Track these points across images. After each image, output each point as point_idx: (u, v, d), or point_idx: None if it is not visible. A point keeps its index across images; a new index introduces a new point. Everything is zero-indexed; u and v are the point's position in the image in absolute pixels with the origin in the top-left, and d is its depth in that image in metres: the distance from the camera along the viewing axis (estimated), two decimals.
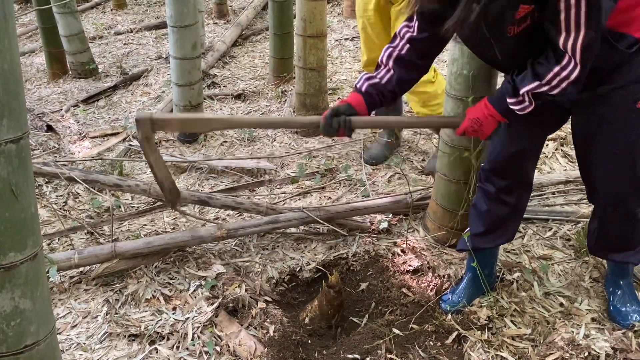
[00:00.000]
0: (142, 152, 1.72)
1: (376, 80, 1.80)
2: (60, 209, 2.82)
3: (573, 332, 1.93)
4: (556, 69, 1.47)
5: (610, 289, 2.03)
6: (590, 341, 1.89)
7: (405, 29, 1.76)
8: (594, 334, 1.92)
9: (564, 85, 1.49)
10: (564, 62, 1.45)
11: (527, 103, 1.57)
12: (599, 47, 1.44)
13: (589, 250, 2.05)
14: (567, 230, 2.48)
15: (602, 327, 1.96)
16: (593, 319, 2.00)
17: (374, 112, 1.88)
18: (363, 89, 1.79)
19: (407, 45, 1.76)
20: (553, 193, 2.72)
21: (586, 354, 1.85)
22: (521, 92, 1.54)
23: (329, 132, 1.71)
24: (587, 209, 2.55)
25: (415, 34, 1.73)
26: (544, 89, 1.51)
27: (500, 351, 1.90)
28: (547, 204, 2.64)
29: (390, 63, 1.79)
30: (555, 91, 1.51)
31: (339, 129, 1.69)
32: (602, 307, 2.05)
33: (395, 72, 1.78)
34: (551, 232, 2.47)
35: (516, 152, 1.82)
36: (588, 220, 2.44)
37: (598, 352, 1.85)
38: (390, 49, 1.79)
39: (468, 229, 2.05)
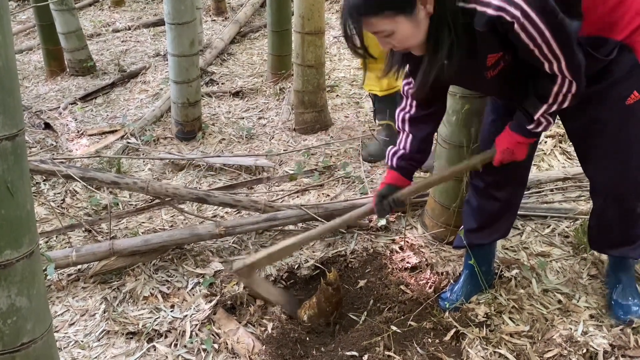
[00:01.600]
0: (248, 291, 2.15)
1: (401, 151, 1.86)
2: (57, 206, 2.82)
3: (571, 329, 1.93)
4: (555, 88, 1.51)
5: (611, 283, 2.03)
6: (588, 338, 1.89)
7: (406, 87, 1.81)
8: (592, 331, 1.92)
9: (569, 98, 1.53)
10: (559, 81, 1.49)
11: (545, 123, 1.62)
12: (585, 58, 1.47)
13: (590, 246, 2.05)
14: (566, 227, 2.48)
15: (600, 323, 1.96)
16: (591, 316, 2.00)
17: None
18: (395, 165, 1.88)
19: (414, 102, 1.80)
20: (551, 190, 2.72)
21: (584, 350, 1.85)
22: (535, 117, 1.60)
23: (384, 215, 1.89)
24: (585, 205, 2.55)
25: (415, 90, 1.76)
26: (554, 107, 1.56)
27: (499, 348, 1.90)
28: (546, 200, 2.64)
29: (407, 127, 1.84)
30: (565, 104, 1.56)
31: (390, 209, 1.84)
32: (600, 304, 2.05)
33: (414, 133, 1.83)
34: (549, 229, 2.47)
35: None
36: (586, 217, 2.44)
37: (596, 349, 1.85)
38: (402, 113, 1.84)
39: (461, 227, 2.05)
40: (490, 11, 1.35)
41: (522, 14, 1.34)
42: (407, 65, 1.72)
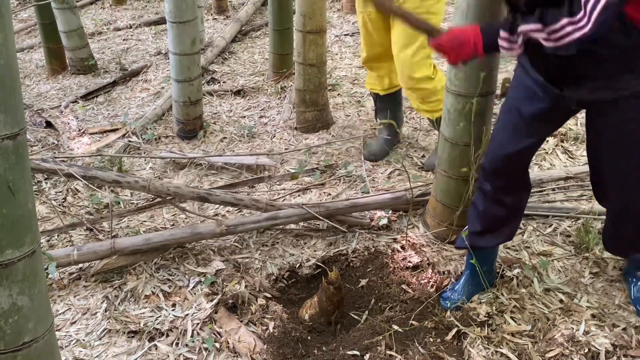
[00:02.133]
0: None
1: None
2: (59, 205, 2.82)
3: (573, 328, 1.93)
4: (564, 20, 1.40)
5: (630, 279, 2.05)
6: (590, 338, 1.89)
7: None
8: (594, 331, 1.92)
9: (565, 40, 1.42)
10: (577, 17, 1.38)
11: (516, 45, 1.52)
12: (616, 17, 1.38)
13: (605, 248, 2.05)
14: (567, 226, 2.47)
15: (602, 323, 1.95)
16: (593, 316, 1.99)
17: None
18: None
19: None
20: (553, 189, 2.72)
21: (586, 350, 1.84)
22: (519, 29, 1.49)
23: None
24: (587, 205, 2.55)
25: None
26: (542, 35, 1.45)
27: (500, 347, 1.89)
28: (547, 200, 2.63)
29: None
30: (552, 44, 1.45)
31: None
32: (601, 304, 2.05)
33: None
34: (551, 228, 2.47)
35: (517, 151, 1.80)
36: (588, 216, 2.44)
37: (598, 349, 1.85)
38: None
39: (467, 227, 2.05)
40: None
41: None
42: None
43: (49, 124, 3.61)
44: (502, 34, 1.56)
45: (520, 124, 1.76)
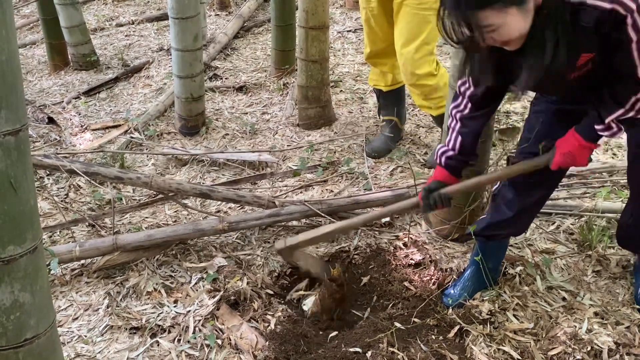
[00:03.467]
0: (290, 266, 2.28)
1: (450, 151, 1.85)
2: (61, 201, 2.82)
3: (575, 326, 1.92)
4: (637, 95, 1.48)
5: (637, 278, 2.06)
6: (592, 336, 1.88)
7: (462, 87, 1.78)
8: (596, 329, 1.91)
9: None
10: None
11: (615, 129, 1.58)
12: None
13: (617, 241, 2.06)
14: (570, 224, 2.46)
15: (604, 321, 1.95)
16: (596, 314, 1.99)
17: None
18: (443, 163, 1.87)
19: (469, 102, 1.78)
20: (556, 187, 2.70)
21: (589, 348, 1.84)
22: (606, 121, 1.56)
23: (429, 209, 1.86)
24: (590, 203, 2.54)
25: (473, 90, 1.74)
26: (630, 114, 1.53)
27: (503, 345, 1.89)
28: (550, 197, 2.61)
29: (458, 127, 1.82)
30: (634, 113, 1.53)
31: (436, 204, 1.82)
32: (604, 302, 2.04)
33: (465, 131, 1.81)
34: (554, 226, 2.46)
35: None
36: (591, 214, 2.43)
37: (601, 347, 1.84)
38: (455, 111, 1.82)
39: (482, 217, 2.02)
40: (604, 4, 1.33)
41: (637, 8, 1.32)
42: (468, 65, 1.65)
43: (51, 120, 3.61)
44: (597, 127, 1.59)
45: (553, 125, 1.77)
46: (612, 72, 1.49)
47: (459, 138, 1.83)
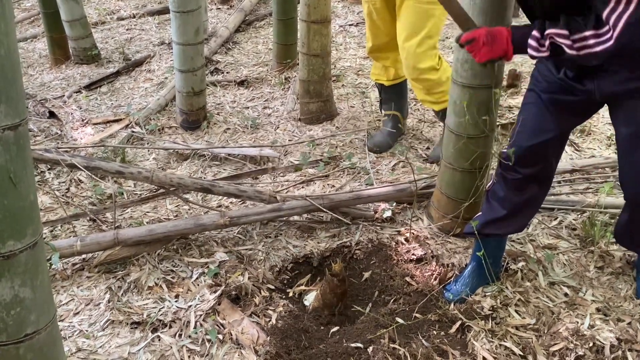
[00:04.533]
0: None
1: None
2: (62, 195, 2.81)
3: (578, 322, 1.92)
4: (588, 33, 1.43)
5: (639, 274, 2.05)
6: (595, 332, 1.88)
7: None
8: (598, 325, 1.91)
9: (585, 51, 1.45)
10: (601, 31, 1.40)
11: (544, 49, 1.53)
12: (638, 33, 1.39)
13: (616, 240, 2.05)
14: (573, 219, 2.45)
15: (607, 317, 1.94)
16: (598, 309, 1.98)
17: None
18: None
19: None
20: (559, 182, 2.69)
21: (591, 344, 1.83)
22: (547, 32, 1.51)
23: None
24: (592, 198, 2.53)
25: None
26: (566, 42, 1.47)
27: (504, 341, 1.89)
28: (553, 192, 2.61)
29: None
30: (574, 52, 1.47)
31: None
32: (607, 297, 2.04)
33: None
34: (556, 221, 2.45)
35: (540, 143, 1.79)
36: (594, 209, 2.42)
37: (603, 343, 1.84)
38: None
39: (477, 215, 2.03)
40: None
41: None
42: None
43: (52, 114, 3.60)
44: (534, 33, 1.55)
45: (545, 116, 1.76)
46: None
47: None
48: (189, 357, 1.87)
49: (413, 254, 2.29)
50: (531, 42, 1.57)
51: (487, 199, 2.00)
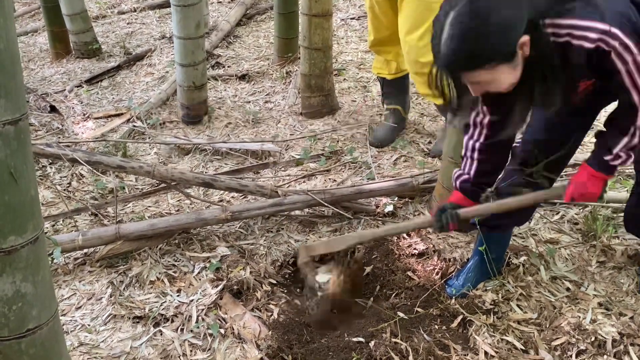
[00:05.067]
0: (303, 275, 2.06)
1: (465, 175, 1.85)
2: (64, 190, 2.81)
3: (579, 316, 1.92)
4: (638, 122, 1.49)
5: None
6: (596, 326, 1.88)
7: (476, 118, 1.76)
8: (600, 319, 1.91)
9: None
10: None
11: (624, 157, 1.58)
12: None
13: (626, 228, 2.05)
14: (575, 214, 2.45)
15: (608, 312, 1.94)
16: (600, 304, 1.98)
17: None
18: (458, 187, 1.87)
19: (483, 131, 1.76)
20: (561, 177, 2.68)
21: (592, 339, 1.83)
22: (614, 151, 1.56)
23: (439, 228, 1.82)
24: None
25: (487, 118, 1.73)
26: (635, 141, 1.53)
27: (506, 335, 1.89)
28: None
29: (475, 155, 1.81)
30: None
31: (447, 223, 1.78)
32: (609, 292, 2.03)
33: (483, 161, 1.80)
34: (558, 215, 2.45)
35: (552, 137, 1.79)
36: (595, 204, 2.42)
37: (605, 337, 1.83)
38: (471, 142, 1.80)
39: None
40: (587, 44, 1.37)
41: (619, 44, 1.35)
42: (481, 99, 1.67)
43: (53, 109, 3.60)
44: (606, 157, 1.59)
45: (548, 116, 1.76)
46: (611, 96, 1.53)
47: (475, 164, 1.81)
48: (190, 351, 1.88)
49: (415, 249, 2.29)
50: (612, 163, 1.59)
51: (498, 194, 1.97)
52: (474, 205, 1.84)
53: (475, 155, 1.80)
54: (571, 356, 1.79)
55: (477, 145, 1.79)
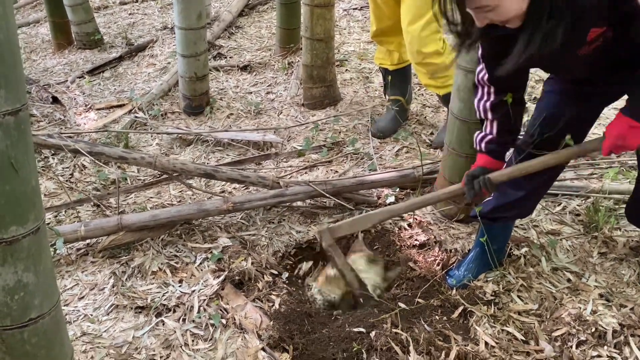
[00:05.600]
0: (330, 260, 2.07)
1: (489, 136, 1.81)
2: (66, 181, 2.82)
3: (580, 307, 1.92)
4: None
5: None
6: (597, 317, 1.88)
7: (480, 74, 1.74)
8: (601, 310, 1.91)
9: None
10: None
11: None
12: None
13: (628, 219, 2.03)
14: (577, 205, 2.44)
15: (609, 303, 1.94)
16: (601, 295, 1.98)
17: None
18: (484, 149, 1.83)
19: (492, 89, 1.73)
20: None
21: (593, 330, 1.84)
22: None
23: (471, 195, 1.79)
24: (597, 184, 2.52)
25: (490, 74, 1.69)
26: None
27: (507, 326, 1.89)
28: (557, 178, 2.59)
29: (490, 115, 1.78)
30: None
31: (480, 189, 1.76)
32: (610, 283, 2.03)
33: (499, 118, 1.77)
34: (560, 207, 2.44)
35: (558, 130, 1.74)
36: (598, 195, 2.41)
37: (605, 328, 1.84)
38: (482, 103, 1.78)
39: (486, 200, 1.99)
40: None
41: None
42: (481, 50, 1.65)
43: (55, 100, 3.60)
44: None
45: (562, 103, 1.74)
46: (631, 47, 1.43)
47: (495, 122, 1.77)
48: (192, 341, 1.89)
49: (416, 240, 2.29)
50: None
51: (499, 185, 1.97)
52: (501, 167, 1.80)
53: (490, 115, 1.77)
54: (571, 347, 1.79)
55: (488, 105, 1.75)
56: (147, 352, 1.84)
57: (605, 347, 1.79)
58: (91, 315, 2.00)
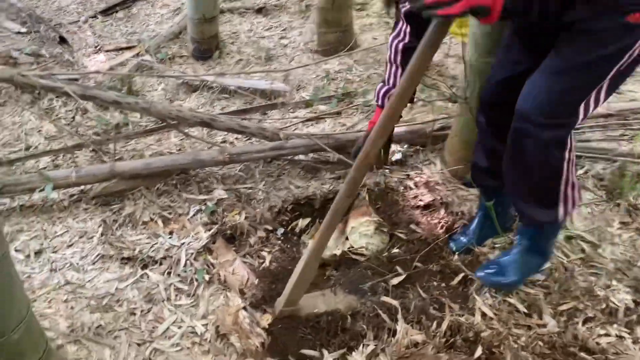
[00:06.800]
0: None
1: (391, 88, 1.68)
2: (67, 124, 2.75)
3: (592, 280, 1.77)
4: None
5: None
6: (609, 292, 1.73)
7: (404, 7, 1.58)
8: (614, 285, 1.76)
9: None
10: None
11: None
12: None
13: None
14: (601, 169, 2.24)
15: (624, 277, 1.78)
16: (617, 269, 1.82)
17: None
18: (384, 103, 1.71)
19: (409, 28, 1.58)
20: (591, 127, 2.45)
21: (603, 306, 1.69)
22: None
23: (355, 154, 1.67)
24: (627, 146, 2.30)
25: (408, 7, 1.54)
26: None
27: (509, 297, 1.76)
28: (581, 139, 2.38)
29: (399, 59, 1.64)
30: None
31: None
32: (627, 256, 1.86)
33: (405, 67, 1.55)
34: (582, 170, 2.24)
35: (505, 78, 1.58)
36: (626, 159, 2.20)
37: (617, 305, 1.69)
38: (396, 42, 1.64)
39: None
40: None
41: None
42: None
43: (62, 40, 3.50)
44: None
45: (514, 46, 1.56)
46: None
47: (400, 71, 1.64)
48: (175, 296, 1.82)
49: (421, 200, 2.15)
50: None
51: (477, 145, 1.80)
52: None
53: (399, 59, 1.63)
54: (577, 323, 1.66)
55: (401, 46, 1.62)
56: (128, 304, 1.78)
57: (615, 326, 1.65)
58: (77, 264, 1.95)
